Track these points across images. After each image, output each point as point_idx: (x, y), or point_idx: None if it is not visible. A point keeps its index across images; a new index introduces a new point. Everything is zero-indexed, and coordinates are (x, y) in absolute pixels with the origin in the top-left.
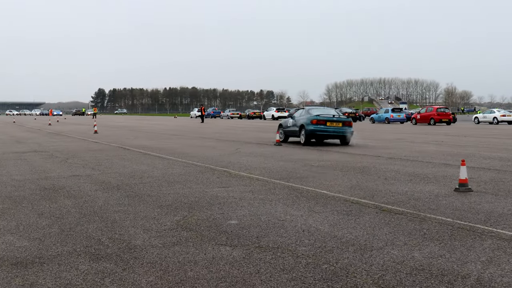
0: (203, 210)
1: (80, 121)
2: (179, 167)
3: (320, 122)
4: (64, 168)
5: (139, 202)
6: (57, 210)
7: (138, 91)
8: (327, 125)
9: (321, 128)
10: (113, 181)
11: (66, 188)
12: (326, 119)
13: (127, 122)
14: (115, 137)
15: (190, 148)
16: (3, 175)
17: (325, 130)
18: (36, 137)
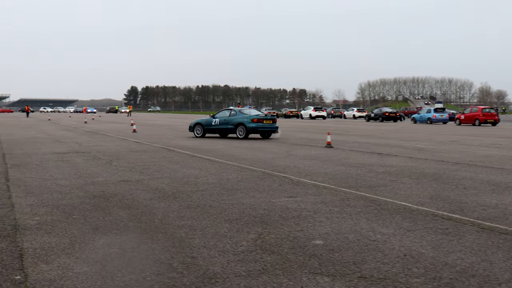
0: (278, 226)
1: (115, 119)
2: (234, 172)
3: (260, 121)
4: (110, 172)
5: (202, 215)
6: (113, 223)
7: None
8: (264, 123)
9: (261, 125)
10: (167, 188)
11: (117, 196)
12: (263, 118)
13: (163, 120)
14: (155, 137)
15: (238, 150)
16: (47, 179)
17: (264, 126)
18: (75, 136)
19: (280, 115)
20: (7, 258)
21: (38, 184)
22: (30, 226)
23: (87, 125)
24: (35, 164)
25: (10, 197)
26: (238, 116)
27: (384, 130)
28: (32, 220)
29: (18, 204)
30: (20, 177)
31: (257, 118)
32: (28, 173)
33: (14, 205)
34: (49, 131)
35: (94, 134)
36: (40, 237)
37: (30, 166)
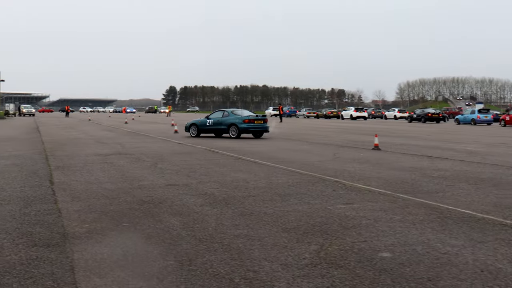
0: (339, 236)
1: (155, 120)
2: (284, 176)
3: (251, 121)
4: (156, 175)
5: (258, 223)
6: (165, 232)
7: (209, 89)
8: (255, 123)
9: (252, 125)
10: (217, 193)
11: (167, 202)
12: (254, 119)
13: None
14: (197, 138)
15: (284, 152)
16: (92, 182)
17: (255, 126)
18: (116, 137)
19: (321, 116)
20: (58, 270)
21: (84, 188)
22: (80, 235)
23: (127, 125)
24: (79, 166)
25: (56, 202)
26: (231, 117)
27: (429, 132)
28: (81, 227)
29: (65, 209)
30: (64, 180)
31: (248, 119)
32: (73, 176)
33: (61, 211)
34: (90, 131)
35: (135, 135)
36: (90, 247)
37: (74, 168)
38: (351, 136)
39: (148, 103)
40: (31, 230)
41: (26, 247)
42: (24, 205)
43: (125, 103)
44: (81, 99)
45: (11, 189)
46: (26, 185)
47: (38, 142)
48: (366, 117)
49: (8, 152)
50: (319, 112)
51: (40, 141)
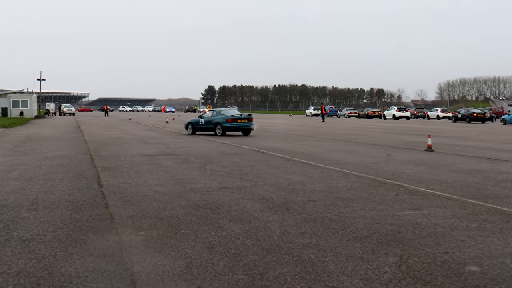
0: (417, 247)
1: None
2: (341, 179)
3: (234, 120)
4: (207, 177)
5: (325, 231)
6: (228, 241)
7: (247, 88)
8: (238, 122)
9: (235, 124)
10: (274, 197)
11: (223, 207)
12: (237, 118)
13: None
14: (242, 137)
15: (334, 153)
16: (142, 185)
17: (238, 125)
18: (159, 137)
19: (362, 115)
20: (119, 285)
21: (134, 191)
22: (136, 243)
23: (168, 125)
24: (125, 167)
25: (107, 206)
26: (217, 116)
27: (478, 132)
28: (137, 235)
29: (118, 215)
30: (113, 182)
31: (231, 118)
32: (121, 178)
33: (114, 216)
34: (132, 131)
35: (178, 135)
36: (150, 258)
37: (121, 170)
38: (399, 136)
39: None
40: (85, 238)
41: (81, 257)
42: (74, 209)
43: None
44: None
45: (59, 192)
46: (74, 188)
47: (81, 142)
48: (409, 117)
49: (52, 152)
50: (361, 112)
51: (83, 141)
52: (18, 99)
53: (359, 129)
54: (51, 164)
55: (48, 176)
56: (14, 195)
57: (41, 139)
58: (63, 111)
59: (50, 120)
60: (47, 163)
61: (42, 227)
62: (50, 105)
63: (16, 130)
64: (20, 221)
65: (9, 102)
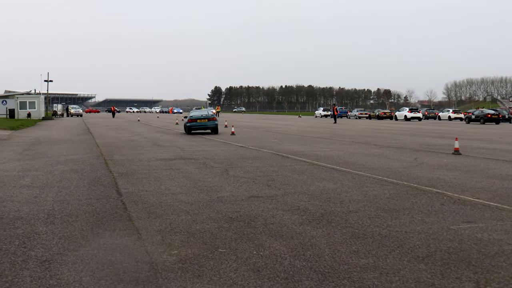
0: (489, 268)
1: None
2: (375, 186)
3: (193, 120)
4: (233, 184)
5: (379, 249)
6: (274, 261)
7: (254, 89)
8: (197, 122)
9: (195, 124)
10: (311, 207)
11: (258, 219)
12: (197, 118)
13: (254, 122)
14: (258, 140)
15: (358, 157)
16: (165, 193)
17: (197, 125)
18: (172, 139)
19: (373, 116)
20: None
21: (157, 200)
22: (171, 266)
23: (179, 126)
24: (143, 173)
25: (131, 219)
26: (188, 117)
27: (499, 134)
28: (170, 255)
29: (144, 229)
30: (132, 190)
31: (191, 118)
32: (140, 185)
33: (140, 231)
34: (142, 133)
35: (191, 137)
36: (190, 285)
37: (139, 176)
38: (418, 138)
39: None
40: (112, 259)
41: (110, 284)
42: (95, 222)
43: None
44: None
45: (76, 202)
46: (91, 197)
47: (93, 145)
48: (421, 118)
49: (63, 156)
50: (372, 113)
51: (94, 144)
52: (26, 101)
53: (374, 131)
54: (64, 170)
55: (62, 183)
56: (28, 205)
57: (51, 142)
58: (71, 113)
59: (58, 121)
60: (60, 168)
61: (62, 245)
62: (57, 107)
63: (25, 133)
64: (37, 237)
65: (16, 104)
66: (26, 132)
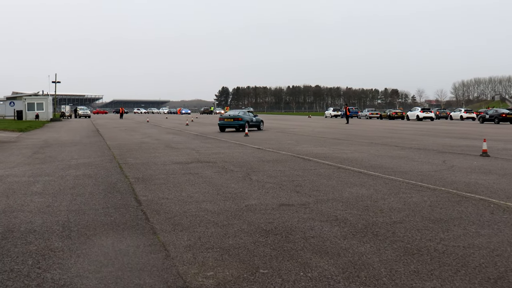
0: None
1: (215, 121)
2: (412, 192)
3: (221, 119)
4: (258, 191)
5: (441, 268)
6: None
7: (261, 89)
8: (225, 121)
9: (223, 122)
10: (350, 217)
11: (296, 232)
12: (224, 117)
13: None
14: (273, 142)
15: (383, 160)
16: (187, 201)
17: (224, 123)
18: (185, 141)
19: (384, 116)
20: None
21: (180, 209)
22: None
23: (190, 127)
24: (161, 178)
25: (155, 232)
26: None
27: None
28: (206, 277)
29: (172, 245)
30: (152, 197)
31: (222, 117)
32: (160, 192)
33: (167, 247)
34: (153, 134)
35: (205, 139)
36: None
37: (156, 181)
38: (439, 139)
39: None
40: (140, 283)
41: None
42: (116, 236)
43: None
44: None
45: (92, 212)
46: (109, 205)
47: (104, 147)
48: (433, 118)
49: (75, 160)
50: (383, 113)
51: (105, 146)
52: (34, 102)
53: (390, 132)
54: (77, 174)
55: (76, 190)
56: (41, 215)
57: (61, 144)
58: (79, 114)
59: (66, 123)
60: (72, 173)
61: (81, 265)
62: (65, 108)
63: (33, 135)
64: (53, 255)
65: (24, 105)
66: (35, 134)
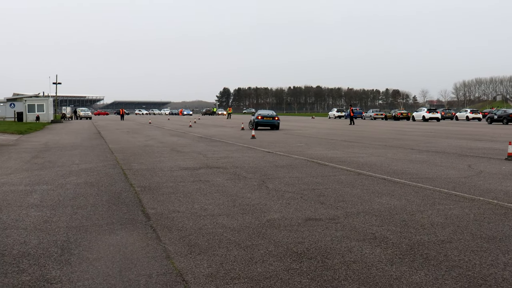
0: None
1: (219, 122)
2: (448, 203)
3: (259, 118)
4: (278, 202)
5: None
6: None
7: (262, 90)
8: (264, 119)
9: (261, 121)
10: (389, 234)
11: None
12: (263, 116)
13: None
14: (282, 144)
15: (403, 164)
16: (201, 215)
17: (263, 122)
18: (191, 144)
19: (389, 117)
20: None
21: (194, 225)
22: None
23: (193, 129)
24: (169, 186)
25: (168, 255)
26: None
27: None
28: None
29: (190, 273)
30: (161, 210)
31: (259, 115)
32: (169, 203)
33: (185, 277)
34: (157, 136)
35: (210, 141)
36: None
37: (164, 190)
38: (453, 141)
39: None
40: None
41: None
42: (124, 262)
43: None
44: (135, 102)
45: (95, 229)
46: (114, 221)
47: (106, 151)
48: (439, 119)
49: (76, 165)
50: (388, 113)
51: (108, 150)
52: (34, 103)
53: (400, 133)
54: (77, 182)
55: (77, 202)
56: (37, 233)
57: (61, 147)
58: (80, 115)
59: (67, 124)
60: (73, 181)
61: None
62: (66, 109)
63: (33, 137)
64: None
65: (25, 107)
66: (35, 136)
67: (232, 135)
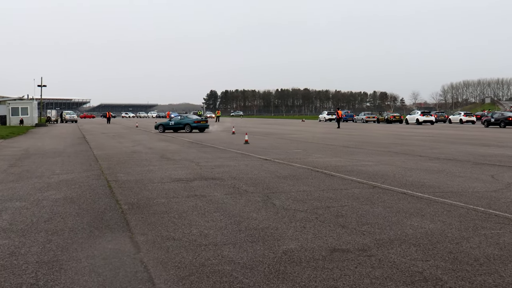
0: None
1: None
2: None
3: (198, 122)
4: (291, 224)
5: None
6: None
7: (250, 93)
8: (201, 123)
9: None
10: (442, 275)
11: None
12: (199, 120)
13: (260, 127)
14: (279, 151)
15: (419, 174)
16: (201, 244)
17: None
18: (181, 150)
19: (382, 120)
20: None
21: (195, 260)
22: None
23: (184, 134)
24: (160, 203)
25: None
26: (185, 119)
27: None
28: None
29: None
30: (153, 237)
31: (196, 120)
32: (162, 227)
33: None
34: (144, 141)
35: (202, 147)
36: None
37: (155, 208)
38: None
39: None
40: None
41: None
42: None
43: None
44: (121, 104)
45: (73, 268)
46: (95, 253)
47: (91, 158)
48: (433, 122)
49: (56, 176)
50: (380, 116)
51: (92, 156)
52: (18, 107)
53: (397, 137)
54: (55, 198)
55: (53, 225)
56: None
57: (42, 154)
58: (65, 118)
59: (51, 128)
60: (51, 196)
61: None
62: (51, 112)
63: (14, 142)
64: None
65: (8, 110)
66: (16, 141)
67: (223, 140)
